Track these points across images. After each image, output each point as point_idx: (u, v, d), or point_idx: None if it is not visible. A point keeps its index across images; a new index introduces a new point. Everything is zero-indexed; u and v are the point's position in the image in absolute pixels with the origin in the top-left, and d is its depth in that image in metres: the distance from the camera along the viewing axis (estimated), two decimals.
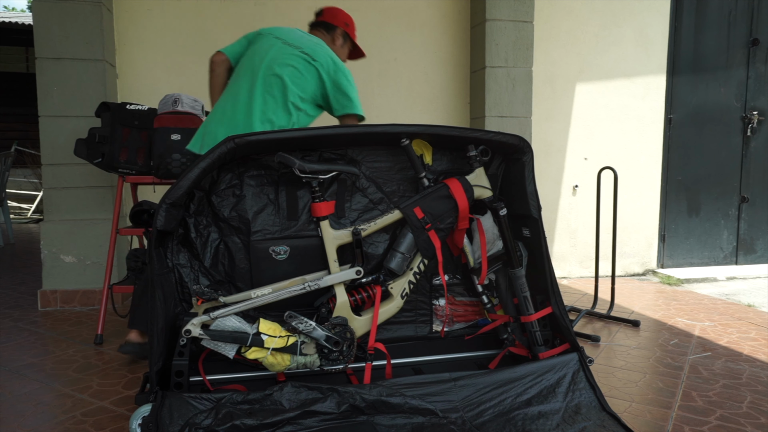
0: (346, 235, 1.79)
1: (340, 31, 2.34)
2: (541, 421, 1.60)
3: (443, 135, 1.79)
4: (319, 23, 2.36)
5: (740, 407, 1.84)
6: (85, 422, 1.70)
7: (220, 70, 2.22)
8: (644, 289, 3.71)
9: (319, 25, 2.35)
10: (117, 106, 2.59)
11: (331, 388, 1.57)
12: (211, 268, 1.83)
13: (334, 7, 2.36)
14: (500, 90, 3.61)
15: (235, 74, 2.17)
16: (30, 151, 8.10)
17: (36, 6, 2.99)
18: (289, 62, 2.07)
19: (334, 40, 2.34)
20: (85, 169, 3.11)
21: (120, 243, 3.23)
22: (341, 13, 2.35)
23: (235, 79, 2.14)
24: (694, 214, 4.33)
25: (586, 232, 4.09)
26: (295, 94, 2.06)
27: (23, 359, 2.26)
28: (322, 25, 2.35)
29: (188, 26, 3.39)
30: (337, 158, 1.89)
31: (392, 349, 1.97)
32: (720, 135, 4.31)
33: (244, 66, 2.13)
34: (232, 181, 1.83)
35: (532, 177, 1.88)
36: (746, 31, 4.28)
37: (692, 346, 2.48)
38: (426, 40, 3.75)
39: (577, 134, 4.02)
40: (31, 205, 8.25)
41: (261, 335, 1.64)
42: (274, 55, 2.09)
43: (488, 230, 1.90)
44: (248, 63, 2.13)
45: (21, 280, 3.81)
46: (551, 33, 3.91)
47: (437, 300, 2.03)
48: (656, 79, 4.12)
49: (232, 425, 1.44)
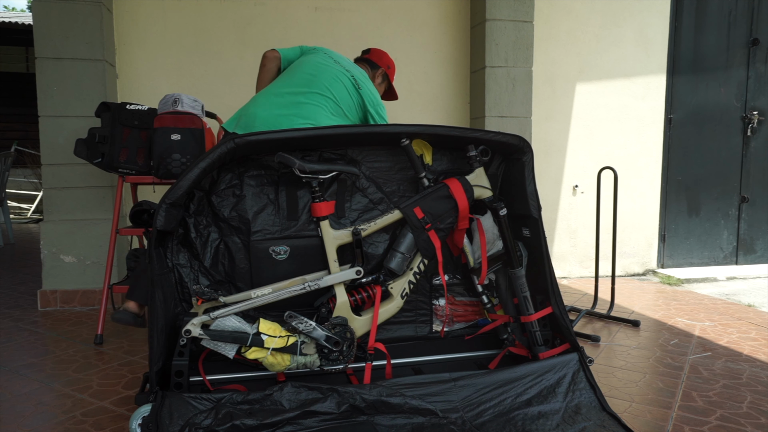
0: (346, 235, 1.79)
1: (382, 71, 2.55)
2: (541, 421, 1.60)
3: (443, 135, 1.79)
4: (365, 59, 2.56)
5: (740, 407, 1.84)
6: (85, 422, 1.70)
7: (271, 65, 2.36)
8: (644, 289, 3.71)
9: (365, 61, 2.55)
10: (117, 106, 2.59)
11: (331, 388, 1.57)
12: (211, 268, 1.83)
13: (380, 50, 2.58)
14: (500, 90, 3.61)
15: (287, 72, 2.26)
16: (30, 151, 8.10)
17: (36, 6, 2.99)
18: (339, 80, 2.21)
19: (374, 78, 2.54)
20: (85, 169, 3.11)
21: (120, 243, 3.23)
22: (386, 56, 2.57)
23: (286, 77, 2.23)
24: (694, 214, 4.33)
25: (586, 232, 4.09)
26: (340, 109, 2.19)
27: (23, 359, 2.26)
28: (368, 62, 2.55)
29: (188, 26, 3.39)
30: (337, 158, 1.89)
31: (392, 349, 1.97)
32: (720, 135, 4.31)
33: (297, 69, 2.24)
34: (232, 181, 1.83)
35: (532, 177, 1.88)
36: (746, 31, 4.28)
37: (692, 346, 2.48)
38: (426, 40, 3.75)
39: (577, 134, 4.02)
40: (31, 205, 8.25)
41: (261, 335, 1.64)
42: (329, 70, 2.22)
43: (488, 230, 1.90)
44: (302, 68, 2.24)
45: (21, 280, 3.81)
46: (551, 33, 3.91)
47: (437, 300, 2.03)
48: (656, 79, 4.13)
49: (232, 425, 1.44)
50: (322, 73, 2.20)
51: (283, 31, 3.51)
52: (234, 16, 3.45)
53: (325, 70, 2.21)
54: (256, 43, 3.46)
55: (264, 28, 3.48)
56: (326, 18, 3.57)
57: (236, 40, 3.45)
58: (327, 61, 2.26)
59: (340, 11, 3.59)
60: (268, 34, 3.48)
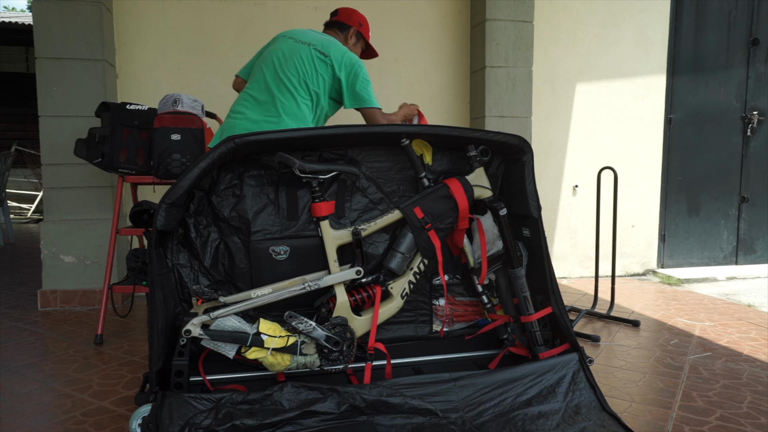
0: (346, 235, 1.79)
1: (354, 30, 2.41)
2: (541, 421, 1.60)
3: (443, 135, 1.79)
4: (333, 23, 2.44)
5: (740, 407, 1.84)
6: (85, 422, 1.70)
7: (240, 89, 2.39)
8: (644, 289, 3.70)
9: (333, 24, 2.43)
10: (117, 106, 2.59)
11: (331, 388, 1.57)
12: (211, 268, 1.83)
13: (348, 8, 2.44)
14: (500, 90, 3.61)
15: (251, 76, 2.25)
16: (30, 151, 8.10)
17: (36, 6, 2.99)
18: (300, 59, 2.14)
19: (347, 39, 2.42)
20: (85, 169, 3.11)
21: (120, 243, 3.23)
22: (356, 13, 2.43)
23: (249, 84, 2.23)
24: (694, 214, 4.33)
25: (586, 232, 4.09)
26: (310, 87, 2.14)
27: (23, 359, 2.26)
28: (336, 24, 2.42)
29: (188, 26, 3.39)
30: (337, 158, 1.89)
31: (392, 349, 1.97)
32: (720, 135, 4.31)
33: (256, 70, 2.22)
34: (232, 181, 1.83)
35: (532, 177, 1.88)
36: (746, 31, 4.28)
37: (692, 346, 2.48)
38: (426, 40, 3.75)
39: (577, 134, 4.02)
40: (31, 205, 8.25)
41: (261, 335, 1.64)
42: (287, 53, 2.16)
43: (488, 230, 1.90)
44: (262, 63, 2.22)
45: (21, 280, 3.80)
46: (551, 33, 3.91)
47: (437, 300, 2.03)
48: (656, 79, 4.12)
49: (232, 425, 1.44)
50: (280, 61, 2.15)
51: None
52: (234, 16, 3.45)
53: (281, 56, 2.16)
54: (256, 43, 3.46)
55: (264, 28, 3.48)
56: (326, 18, 3.57)
57: (236, 40, 3.45)
58: (283, 45, 2.19)
59: None
60: (268, 34, 3.48)
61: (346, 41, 2.41)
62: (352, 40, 2.43)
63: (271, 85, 2.14)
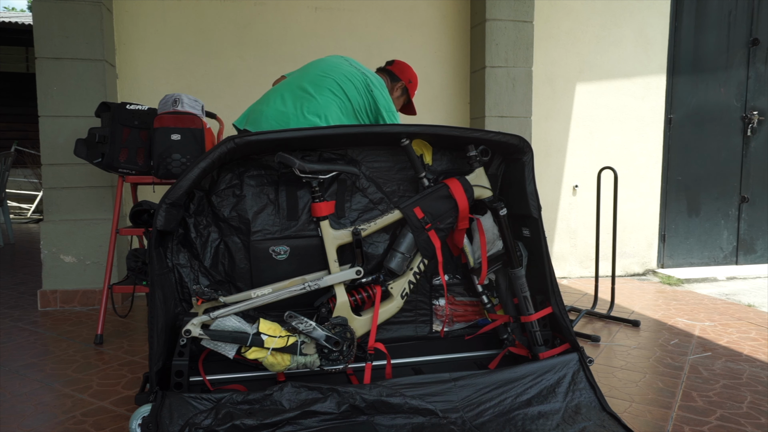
0: (346, 235, 1.79)
1: (401, 84, 2.53)
2: (541, 421, 1.60)
3: (443, 135, 1.79)
4: (386, 70, 2.53)
5: (740, 407, 1.84)
6: (85, 422, 1.70)
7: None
8: (644, 289, 3.70)
9: (386, 72, 2.54)
10: (117, 106, 2.59)
11: (331, 388, 1.57)
12: (211, 268, 1.83)
13: (405, 63, 2.55)
14: (500, 90, 3.61)
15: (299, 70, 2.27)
16: (30, 151, 8.10)
17: (36, 6, 2.99)
18: (351, 79, 2.19)
19: (393, 90, 2.52)
20: (85, 169, 3.11)
21: (120, 243, 3.23)
22: (409, 70, 2.53)
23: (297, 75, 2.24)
24: (694, 214, 4.33)
25: (586, 232, 4.09)
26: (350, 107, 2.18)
27: (23, 359, 2.26)
28: (389, 73, 2.53)
29: (188, 26, 3.39)
30: (337, 158, 1.89)
31: (392, 349, 1.97)
32: (720, 135, 4.31)
33: (310, 67, 2.25)
34: (232, 181, 1.83)
35: (532, 177, 1.88)
36: (746, 31, 4.28)
37: (692, 346, 2.48)
38: (426, 40, 3.75)
39: (577, 134, 4.02)
40: (31, 205, 8.25)
41: (261, 335, 1.64)
42: (341, 69, 2.21)
43: (488, 230, 1.90)
44: (314, 65, 2.25)
45: (21, 280, 3.80)
46: (551, 33, 3.91)
47: (437, 300, 2.03)
48: (656, 79, 4.12)
49: (232, 425, 1.44)
50: (334, 70, 2.19)
51: (283, 31, 3.51)
52: (234, 16, 3.45)
53: (337, 68, 2.20)
54: (256, 43, 3.46)
55: (264, 29, 3.48)
56: (326, 18, 3.57)
57: (236, 40, 3.45)
58: (340, 62, 2.25)
59: (340, 11, 3.59)
60: (268, 34, 3.48)
61: (392, 91, 2.52)
62: (398, 92, 2.53)
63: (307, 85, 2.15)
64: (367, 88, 2.20)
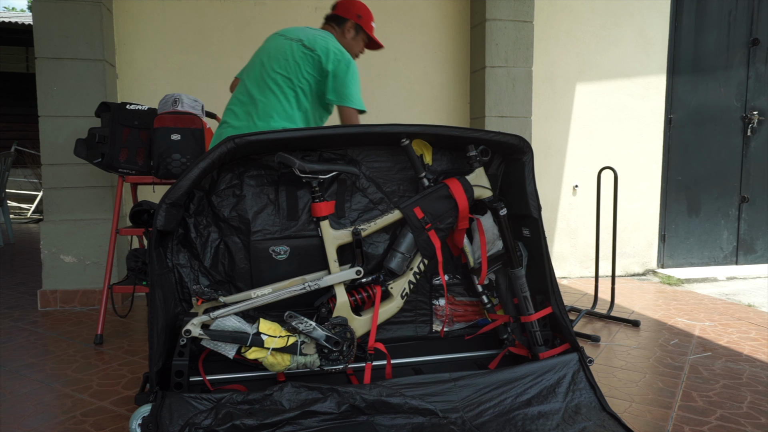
0: (346, 235, 1.79)
1: (351, 23, 2.29)
2: (541, 421, 1.60)
3: (443, 135, 1.79)
4: (330, 17, 2.33)
5: (740, 407, 1.84)
6: (85, 422, 1.70)
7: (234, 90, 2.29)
8: (644, 289, 3.70)
9: (330, 18, 2.33)
10: (117, 106, 2.59)
11: (331, 388, 1.57)
12: (211, 268, 1.83)
13: (348, 0, 2.31)
14: (500, 90, 3.61)
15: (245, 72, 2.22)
16: (30, 151, 8.10)
17: (36, 6, 2.99)
18: (284, 55, 2.08)
19: (345, 33, 2.30)
20: (85, 169, 3.11)
21: (120, 243, 3.23)
22: (355, 5, 2.30)
23: (243, 78, 2.19)
24: (694, 214, 4.33)
25: (586, 232, 4.09)
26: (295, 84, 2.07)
27: (23, 359, 2.26)
28: (333, 18, 2.32)
29: (188, 26, 3.39)
30: (337, 158, 1.89)
31: (392, 349, 1.97)
32: (720, 135, 4.31)
33: (252, 68, 2.18)
34: (232, 181, 1.83)
35: (532, 177, 1.88)
36: (746, 31, 4.28)
37: (692, 346, 2.48)
38: (426, 40, 3.75)
39: (577, 134, 4.02)
40: (31, 205, 8.24)
41: (261, 335, 1.64)
42: (273, 51, 2.12)
43: (488, 230, 1.90)
44: (249, 65, 2.19)
45: (21, 280, 3.80)
46: (551, 33, 3.91)
47: (437, 300, 2.03)
48: (656, 79, 4.12)
49: (232, 425, 1.44)
50: (264, 61, 2.11)
51: None
52: (234, 16, 3.45)
53: (267, 56, 2.11)
54: (256, 43, 3.46)
55: (264, 29, 3.48)
56: None
57: (236, 40, 3.45)
58: (271, 44, 2.14)
59: None
60: (268, 34, 3.48)
61: (344, 35, 2.29)
62: (351, 33, 2.30)
63: (251, 89, 2.11)
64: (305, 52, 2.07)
